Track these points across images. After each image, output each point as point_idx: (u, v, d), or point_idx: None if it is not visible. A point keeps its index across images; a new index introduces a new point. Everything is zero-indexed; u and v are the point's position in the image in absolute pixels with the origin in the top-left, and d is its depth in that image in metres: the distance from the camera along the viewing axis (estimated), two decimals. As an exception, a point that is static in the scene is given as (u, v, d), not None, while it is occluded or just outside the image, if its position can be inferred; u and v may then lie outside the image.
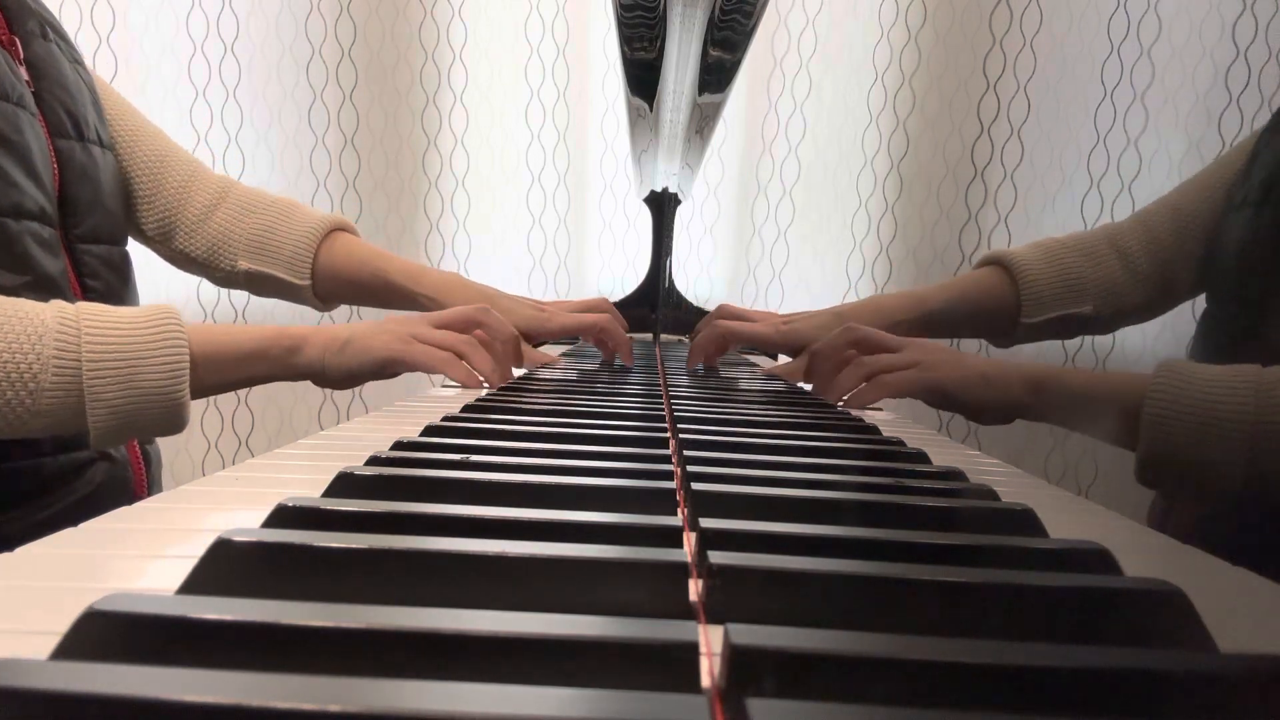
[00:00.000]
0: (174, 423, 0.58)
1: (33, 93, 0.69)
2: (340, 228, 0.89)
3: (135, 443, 0.76)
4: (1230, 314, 0.75)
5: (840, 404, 0.67)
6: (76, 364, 0.53)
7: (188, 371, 0.57)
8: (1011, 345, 0.89)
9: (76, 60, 0.77)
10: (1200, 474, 0.52)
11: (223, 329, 0.62)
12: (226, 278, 0.88)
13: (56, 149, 0.70)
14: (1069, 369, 0.64)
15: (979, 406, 0.63)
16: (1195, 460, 0.52)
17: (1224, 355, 0.73)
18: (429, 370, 0.65)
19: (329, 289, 0.88)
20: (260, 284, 0.87)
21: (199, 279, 0.94)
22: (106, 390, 0.54)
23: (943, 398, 0.64)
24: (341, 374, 0.64)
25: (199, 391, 0.59)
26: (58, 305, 0.55)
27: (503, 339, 0.70)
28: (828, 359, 0.69)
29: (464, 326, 0.69)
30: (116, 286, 0.76)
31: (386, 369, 0.65)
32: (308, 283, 0.86)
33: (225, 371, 0.61)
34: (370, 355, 0.64)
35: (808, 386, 0.79)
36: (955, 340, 1.30)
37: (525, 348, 0.79)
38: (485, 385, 0.68)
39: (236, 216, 0.86)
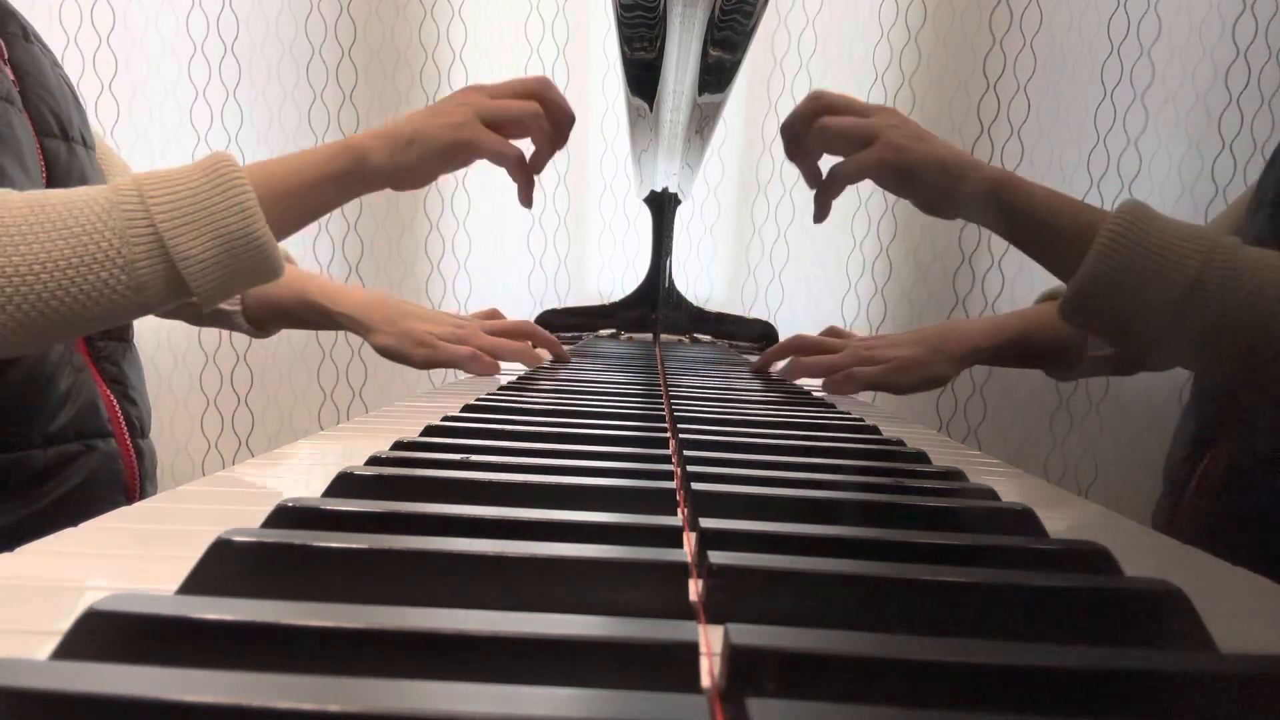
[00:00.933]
0: (267, 265, 0.57)
1: (18, 92, 0.70)
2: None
3: (126, 437, 0.76)
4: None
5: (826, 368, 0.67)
6: (152, 228, 0.53)
7: (258, 207, 0.55)
8: (1071, 379, 0.89)
9: (57, 66, 0.78)
10: (1126, 314, 0.51)
11: (281, 163, 0.61)
12: (167, 310, 0.90)
13: (43, 148, 0.71)
14: (1031, 182, 0.62)
15: (934, 193, 0.61)
16: (1126, 300, 0.51)
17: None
18: (496, 159, 0.64)
19: (259, 314, 0.89)
20: (192, 308, 0.89)
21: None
22: (190, 245, 0.53)
23: (899, 177, 0.62)
24: (415, 171, 0.63)
25: (280, 229, 0.58)
26: (109, 186, 0.55)
27: (559, 116, 0.68)
28: (796, 130, 0.68)
29: (522, 93, 0.67)
30: None
31: (457, 156, 0.64)
32: (238, 309, 0.87)
33: (298, 202, 0.59)
34: (438, 143, 0.62)
35: (807, 388, 0.79)
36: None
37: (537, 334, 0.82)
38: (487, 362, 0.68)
39: None
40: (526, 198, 0.70)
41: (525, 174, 0.66)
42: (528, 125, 0.66)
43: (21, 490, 0.66)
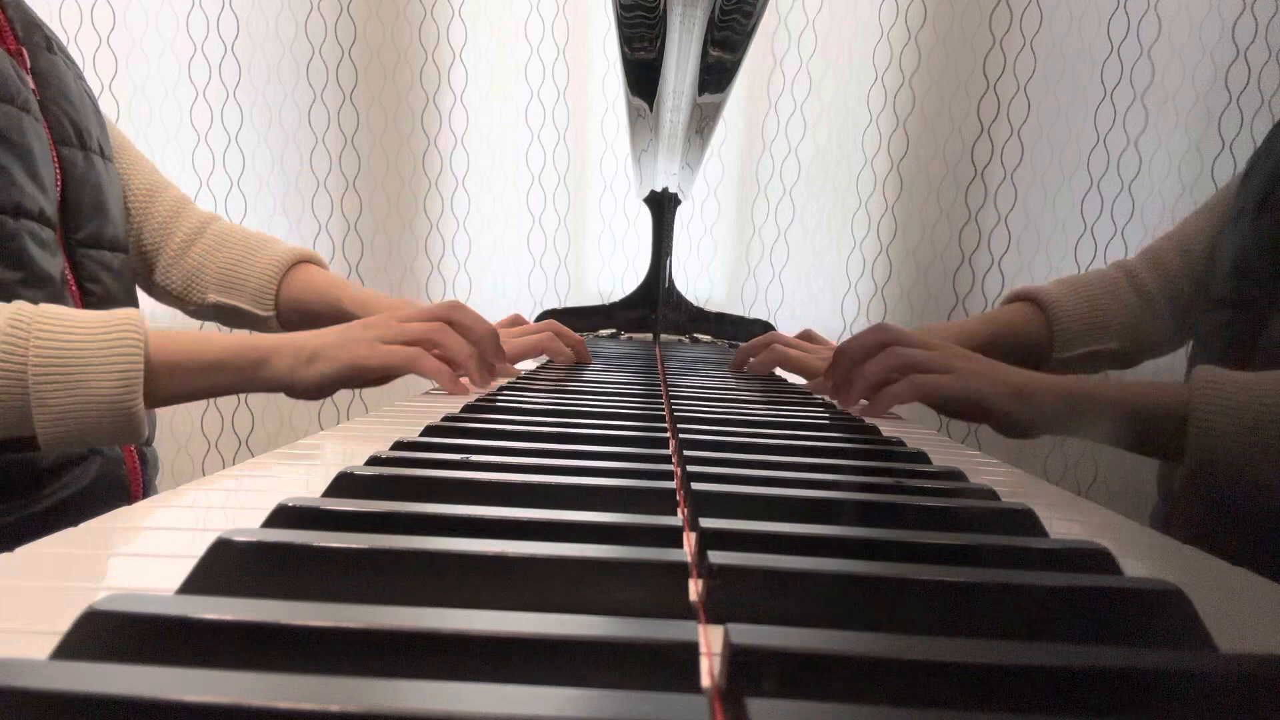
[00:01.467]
0: (129, 432, 0.56)
1: (38, 101, 0.71)
2: (307, 260, 0.91)
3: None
4: (1226, 319, 0.76)
5: (860, 406, 0.64)
6: (22, 367, 0.52)
7: (140, 381, 0.55)
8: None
9: (80, 78, 0.79)
10: (1253, 483, 0.52)
11: (189, 336, 0.60)
12: (198, 310, 0.90)
13: (60, 156, 0.72)
14: (1102, 383, 0.62)
15: (1010, 421, 0.60)
16: (1247, 469, 0.52)
17: (1224, 362, 0.74)
18: (398, 370, 0.63)
19: (293, 320, 0.89)
20: (229, 316, 0.89)
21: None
22: (53, 395, 0.53)
23: (976, 408, 0.61)
24: (310, 386, 0.62)
25: (159, 400, 0.58)
26: (16, 306, 0.54)
27: (478, 335, 0.66)
28: (855, 358, 0.65)
29: (429, 318, 0.66)
30: (115, 291, 0.77)
31: (356, 377, 0.63)
32: (272, 314, 0.88)
33: (187, 381, 0.59)
34: (337, 364, 0.62)
35: (807, 387, 0.79)
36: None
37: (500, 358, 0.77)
38: (465, 383, 0.65)
39: (209, 251, 0.88)
40: (455, 388, 0.66)
41: (437, 373, 0.64)
42: (436, 344, 0.65)
43: (24, 491, 0.66)
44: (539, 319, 1.34)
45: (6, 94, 0.66)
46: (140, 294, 0.86)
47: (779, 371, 0.95)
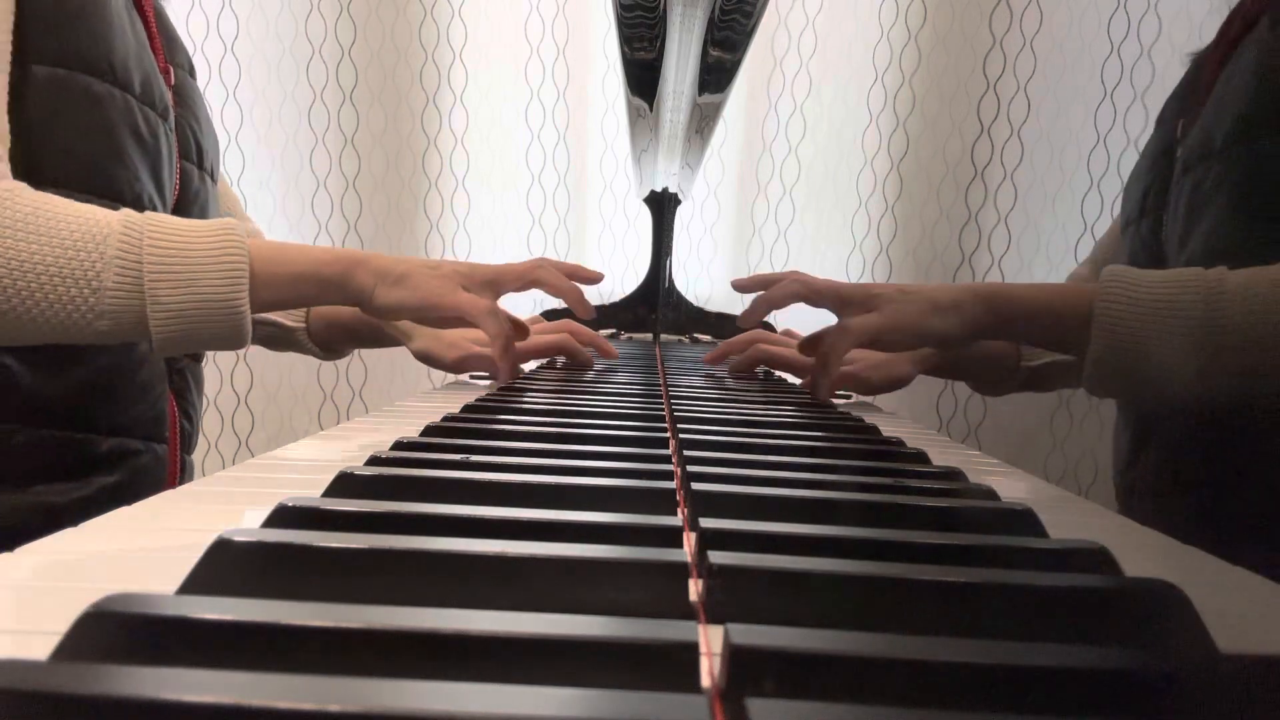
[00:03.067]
0: (235, 334, 0.58)
1: (174, 115, 0.75)
2: None
3: (178, 449, 0.77)
4: (1130, 236, 0.78)
5: (838, 399, 0.67)
6: (138, 266, 0.54)
7: (247, 281, 0.58)
8: (1001, 394, 0.89)
9: (207, 105, 0.84)
10: (1151, 374, 0.53)
11: (282, 247, 0.63)
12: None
13: (181, 169, 0.75)
14: (1017, 285, 0.64)
15: (935, 335, 0.63)
16: (1146, 361, 0.53)
17: None
18: (467, 317, 0.65)
19: (319, 331, 0.89)
20: (266, 329, 0.89)
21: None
22: (167, 294, 0.55)
23: (905, 337, 0.64)
24: (387, 307, 0.65)
25: (257, 305, 0.60)
26: (125, 212, 0.57)
27: (562, 291, 0.71)
28: (774, 304, 0.71)
29: (519, 279, 0.70)
30: None
31: (430, 311, 0.66)
32: (302, 325, 0.88)
33: (282, 287, 0.62)
34: (418, 294, 0.64)
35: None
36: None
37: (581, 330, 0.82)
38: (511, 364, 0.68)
39: None
40: (505, 373, 0.69)
41: (500, 333, 0.67)
42: (504, 319, 0.68)
43: (77, 473, 0.67)
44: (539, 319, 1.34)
45: (152, 99, 0.69)
46: None
47: (779, 371, 0.95)
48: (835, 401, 0.71)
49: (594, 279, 0.81)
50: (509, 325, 0.68)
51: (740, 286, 0.79)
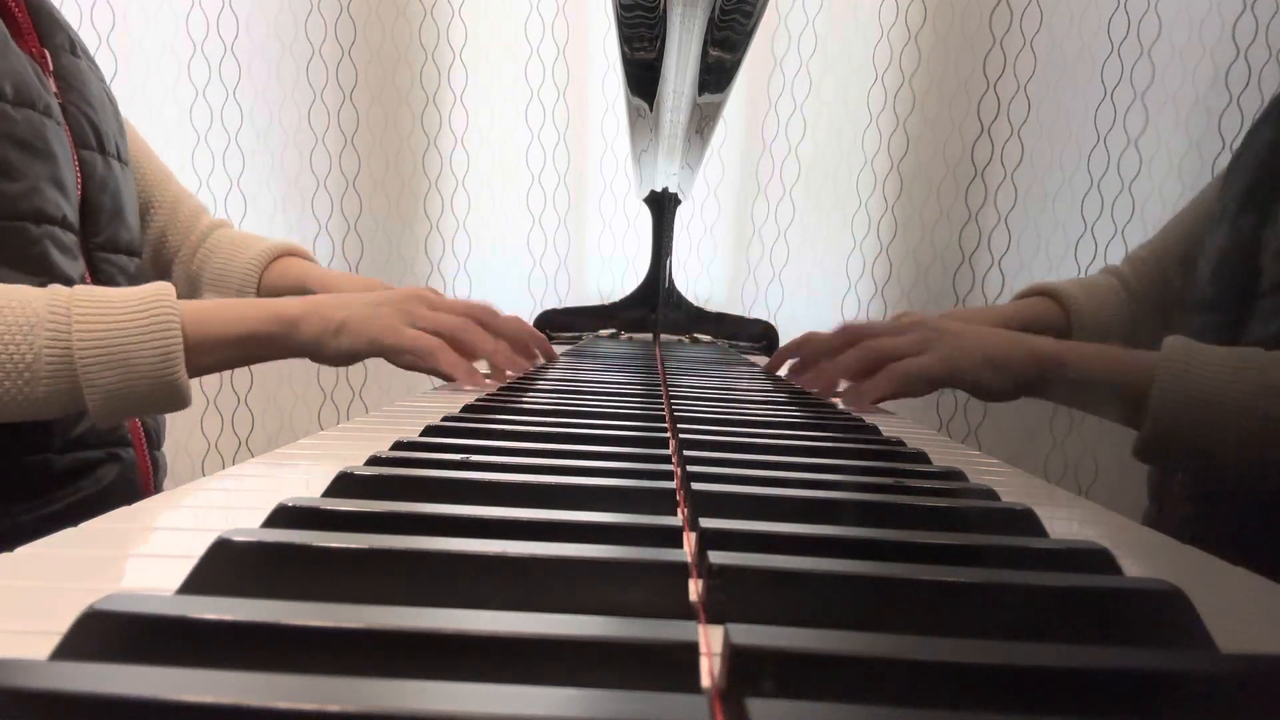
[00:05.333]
0: (175, 400, 0.58)
1: (59, 104, 0.71)
2: (290, 252, 0.91)
3: (144, 449, 0.77)
4: (1204, 323, 0.76)
5: (838, 398, 0.66)
6: (68, 352, 0.54)
7: (181, 353, 0.57)
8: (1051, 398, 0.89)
9: (101, 80, 0.79)
10: (1202, 456, 0.53)
11: (218, 307, 0.62)
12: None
13: (80, 159, 0.72)
14: (1073, 346, 0.63)
15: (984, 388, 0.63)
16: (1198, 442, 0.52)
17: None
18: (418, 359, 0.64)
19: None
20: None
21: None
22: (100, 375, 0.55)
23: (953, 382, 0.63)
24: (337, 356, 0.65)
25: (195, 371, 0.60)
26: (51, 291, 0.56)
27: (512, 332, 0.69)
28: (820, 351, 0.68)
29: (464, 313, 0.68)
30: None
31: (380, 354, 0.65)
32: None
33: (220, 352, 0.61)
34: (361, 341, 0.64)
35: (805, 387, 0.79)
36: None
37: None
38: (487, 378, 0.66)
39: (209, 254, 0.90)
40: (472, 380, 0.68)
41: (455, 369, 0.65)
42: (466, 342, 0.66)
43: (40, 493, 0.66)
44: (539, 319, 1.34)
45: (29, 99, 0.65)
46: None
47: (779, 371, 0.95)
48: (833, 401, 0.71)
49: (547, 355, 0.80)
50: (487, 344, 0.66)
51: (783, 363, 0.78)
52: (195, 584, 0.22)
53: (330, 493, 0.30)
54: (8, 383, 0.53)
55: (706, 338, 1.35)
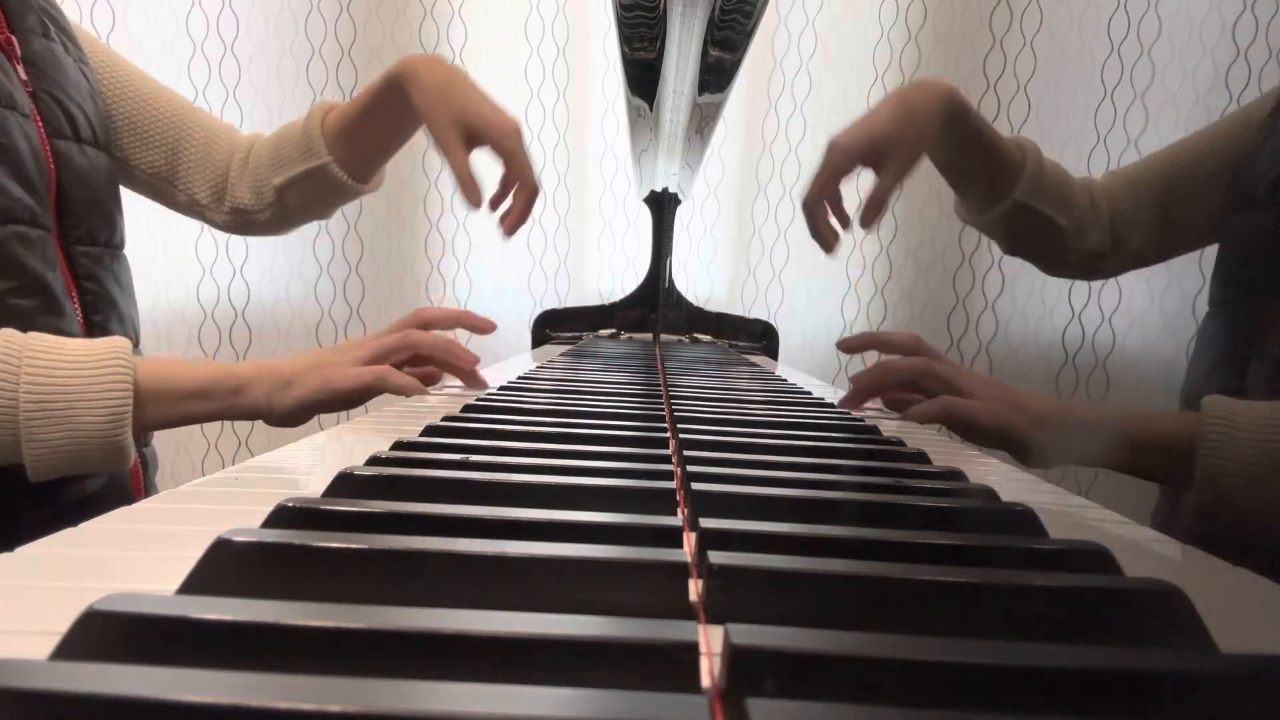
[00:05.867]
0: (117, 461, 0.56)
1: (29, 92, 0.68)
2: (333, 108, 0.87)
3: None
4: (1239, 312, 0.75)
5: (875, 412, 0.67)
6: (13, 403, 0.52)
7: (129, 414, 0.55)
8: (982, 215, 0.87)
9: (80, 60, 0.76)
10: (1259, 520, 0.52)
11: (170, 365, 0.60)
12: (273, 213, 0.87)
13: (54, 150, 0.69)
14: (1119, 411, 0.63)
15: (1030, 449, 0.62)
16: (1254, 503, 0.52)
17: (1230, 354, 0.73)
18: (370, 389, 0.64)
19: (346, 152, 0.84)
20: (296, 192, 0.86)
21: (198, 278, 0.94)
22: (43, 431, 0.53)
23: (997, 435, 0.63)
24: (286, 412, 0.63)
25: (143, 427, 0.58)
26: (4, 335, 0.54)
27: (435, 348, 0.69)
28: (899, 378, 0.69)
29: (399, 352, 0.68)
30: (113, 290, 0.75)
31: (330, 400, 0.64)
32: (328, 159, 0.83)
33: (168, 409, 0.59)
34: (310, 388, 0.63)
35: (807, 387, 0.79)
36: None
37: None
38: (430, 385, 0.68)
39: (261, 151, 0.88)
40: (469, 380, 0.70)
41: (406, 384, 0.65)
42: (409, 348, 0.67)
43: (27, 499, 0.65)
44: (539, 319, 1.34)
45: None
46: (138, 281, 0.83)
47: (779, 371, 0.95)
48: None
49: (482, 328, 0.77)
50: (433, 342, 0.68)
51: (849, 348, 0.78)
52: (195, 584, 0.22)
53: (330, 493, 0.30)
54: None
55: (706, 338, 1.36)
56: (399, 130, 0.84)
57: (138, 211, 0.88)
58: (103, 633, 0.18)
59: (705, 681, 0.18)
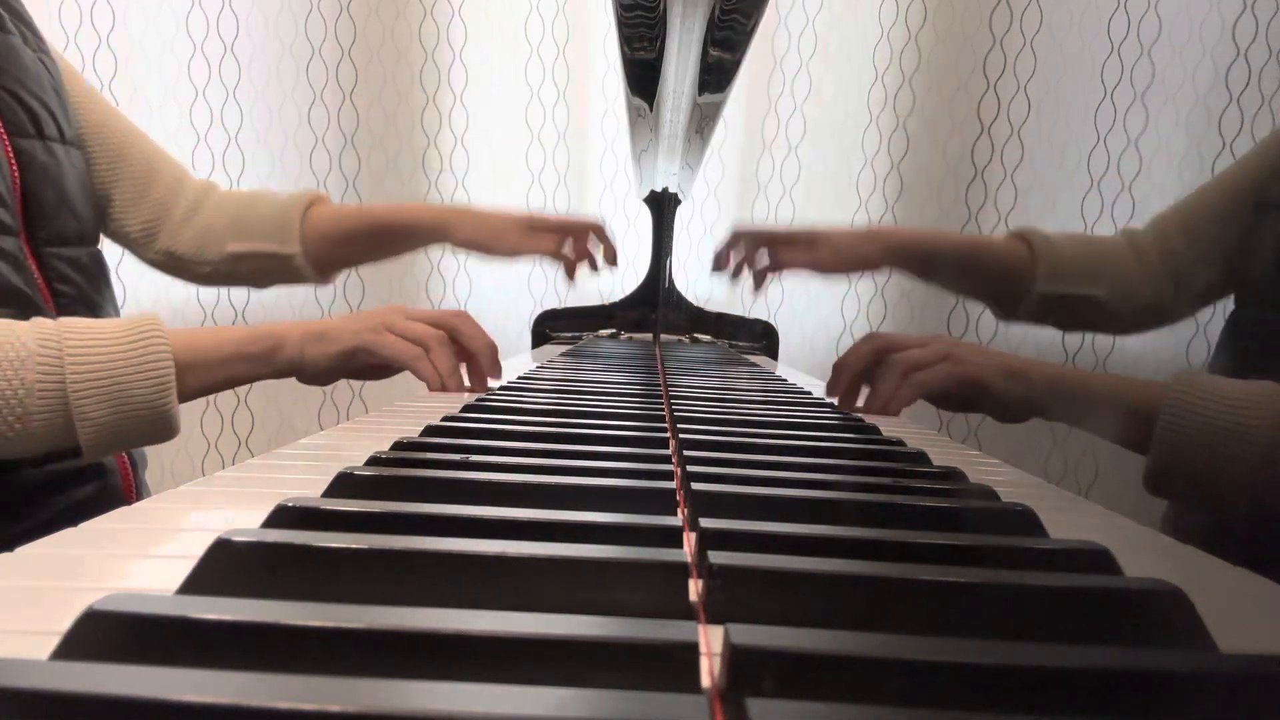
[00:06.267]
0: (164, 431, 0.57)
1: None
2: (319, 201, 0.88)
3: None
4: (1260, 317, 0.75)
5: (864, 412, 0.66)
6: (61, 386, 0.53)
7: (174, 382, 0.56)
8: (1015, 318, 0.87)
9: (40, 50, 0.73)
10: (1209, 488, 0.52)
11: (204, 332, 0.61)
12: (213, 270, 0.86)
13: (16, 149, 0.67)
14: (1088, 373, 0.64)
15: (1003, 400, 0.63)
16: (1205, 475, 0.52)
17: (1251, 358, 0.73)
18: (395, 361, 0.65)
19: (320, 251, 0.85)
20: (250, 265, 0.85)
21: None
22: (94, 409, 0.54)
23: (971, 388, 0.63)
24: (319, 367, 0.64)
25: (184, 396, 0.59)
26: (38, 325, 0.54)
27: (478, 347, 0.69)
28: (853, 369, 0.68)
29: (438, 325, 0.68)
30: (88, 291, 0.73)
31: (358, 356, 0.65)
32: (298, 250, 0.84)
33: (208, 374, 0.60)
34: (342, 344, 0.64)
35: (806, 388, 0.79)
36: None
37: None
38: (448, 389, 0.67)
39: (218, 207, 0.86)
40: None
41: (431, 377, 0.66)
42: (433, 353, 0.67)
43: (17, 507, 0.65)
44: (539, 319, 1.34)
45: None
46: (128, 280, 0.82)
47: (779, 371, 0.95)
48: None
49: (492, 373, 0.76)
50: (445, 364, 0.66)
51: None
52: (195, 584, 0.22)
53: (330, 493, 0.30)
54: None
55: (706, 338, 1.36)
56: (402, 252, 0.89)
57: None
58: (103, 633, 0.18)
59: (705, 681, 0.18)
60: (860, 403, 0.68)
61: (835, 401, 0.69)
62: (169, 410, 0.56)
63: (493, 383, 0.70)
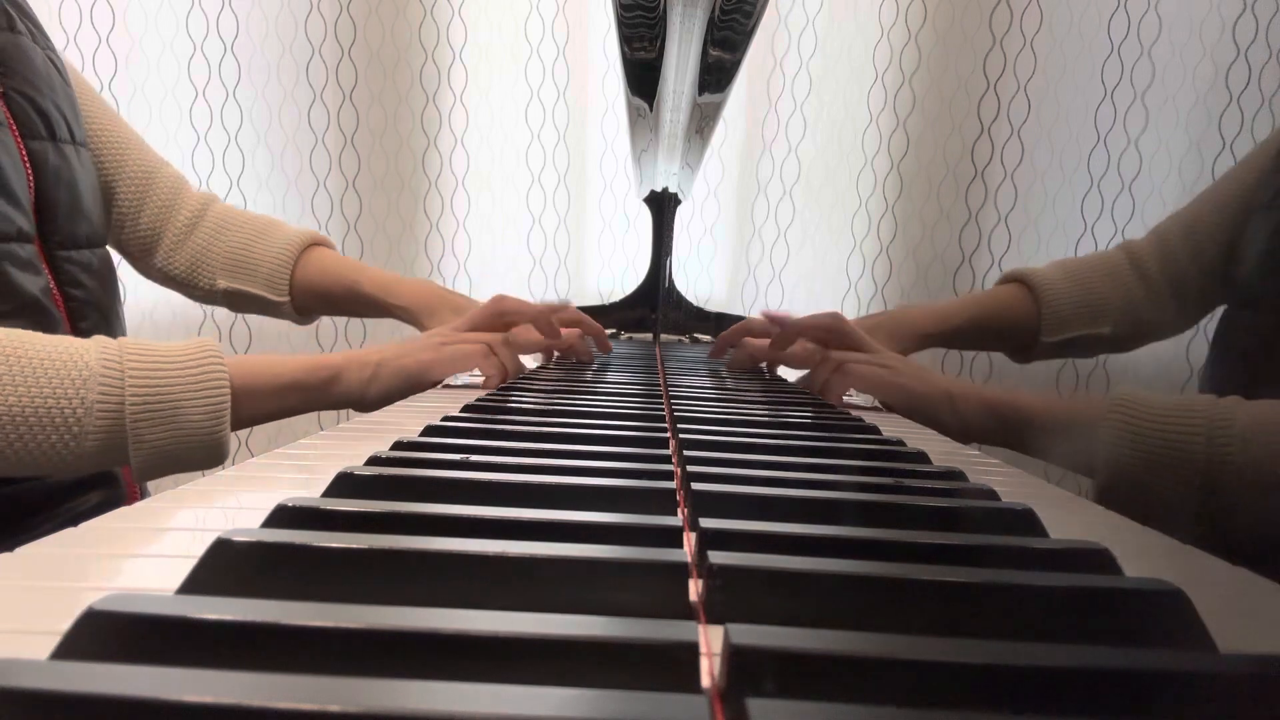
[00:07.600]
0: (215, 457, 0.57)
1: (0, 94, 0.65)
2: (317, 243, 0.89)
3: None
4: (1251, 319, 0.74)
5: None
6: (120, 408, 0.52)
7: (229, 411, 0.56)
8: (1030, 361, 0.89)
9: (48, 48, 0.72)
10: (1155, 506, 0.52)
11: (261, 361, 0.61)
12: (206, 295, 0.88)
13: (29, 152, 0.66)
14: (1029, 395, 0.64)
15: (939, 424, 0.63)
16: (1149, 493, 0.52)
17: (1244, 361, 0.72)
18: (464, 368, 0.67)
19: (308, 305, 0.88)
20: (240, 302, 0.88)
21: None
22: (150, 432, 0.53)
23: (906, 403, 0.64)
24: (379, 397, 0.64)
25: (237, 424, 0.59)
26: (100, 343, 0.54)
27: (530, 317, 0.72)
28: (800, 334, 0.72)
29: (489, 323, 0.70)
30: (99, 293, 0.73)
31: (423, 380, 0.66)
32: (286, 299, 0.86)
33: (262, 403, 0.60)
34: (404, 372, 0.65)
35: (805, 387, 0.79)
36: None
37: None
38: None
39: (214, 234, 0.86)
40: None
41: (500, 374, 0.69)
42: (494, 347, 0.70)
43: (22, 517, 0.65)
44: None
45: None
46: (133, 284, 0.83)
47: (781, 371, 0.95)
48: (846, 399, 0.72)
49: (600, 343, 0.84)
50: (512, 363, 0.70)
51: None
52: (195, 584, 0.22)
53: (330, 493, 0.30)
54: (54, 437, 0.51)
55: (706, 338, 1.35)
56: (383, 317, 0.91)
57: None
58: (103, 633, 0.18)
59: (705, 681, 0.18)
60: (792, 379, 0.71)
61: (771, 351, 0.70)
62: (222, 437, 0.56)
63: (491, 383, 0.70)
